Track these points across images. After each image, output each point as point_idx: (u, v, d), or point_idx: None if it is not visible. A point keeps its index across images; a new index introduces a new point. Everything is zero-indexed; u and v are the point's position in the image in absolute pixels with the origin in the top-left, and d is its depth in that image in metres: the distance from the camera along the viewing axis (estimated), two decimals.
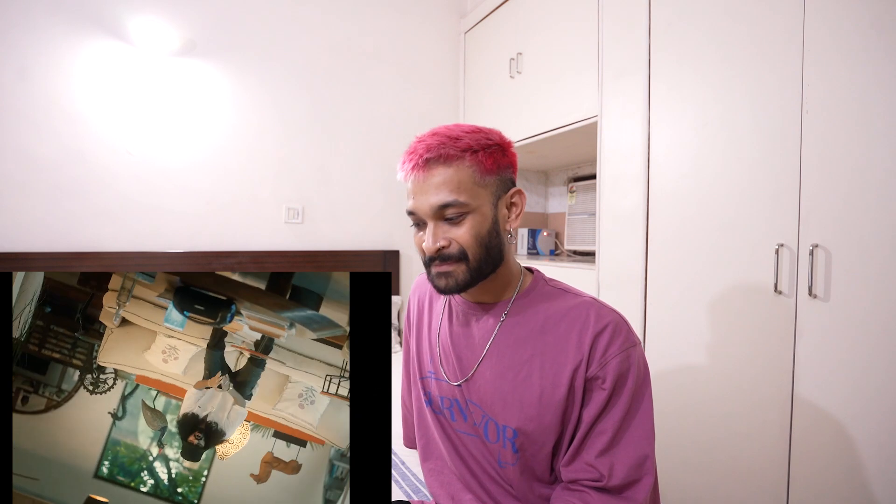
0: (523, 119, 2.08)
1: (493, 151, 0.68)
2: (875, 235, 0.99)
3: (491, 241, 0.69)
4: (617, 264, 1.57)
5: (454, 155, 0.66)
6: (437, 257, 0.68)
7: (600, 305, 0.71)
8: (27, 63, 1.76)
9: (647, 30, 1.46)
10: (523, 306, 0.74)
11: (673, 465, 1.38)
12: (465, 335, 0.77)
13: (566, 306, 0.71)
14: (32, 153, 1.78)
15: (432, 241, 0.67)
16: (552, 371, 0.68)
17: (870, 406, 1.00)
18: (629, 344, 0.68)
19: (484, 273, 0.69)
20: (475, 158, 0.67)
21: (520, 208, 0.73)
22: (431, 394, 0.81)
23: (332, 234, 2.33)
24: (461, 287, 0.69)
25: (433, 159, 0.66)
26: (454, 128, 0.69)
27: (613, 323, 0.68)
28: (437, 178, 0.66)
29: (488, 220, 0.68)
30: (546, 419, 0.68)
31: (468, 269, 0.68)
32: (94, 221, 1.88)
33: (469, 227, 0.67)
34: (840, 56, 1.04)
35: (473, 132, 0.68)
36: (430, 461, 0.86)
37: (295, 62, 2.23)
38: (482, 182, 0.67)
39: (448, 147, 0.66)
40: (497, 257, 0.70)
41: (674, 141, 1.39)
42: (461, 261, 0.67)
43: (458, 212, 0.66)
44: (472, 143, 0.67)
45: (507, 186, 0.72)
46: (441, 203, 0.66)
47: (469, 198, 0.66)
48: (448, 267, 0.68)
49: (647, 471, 0.66)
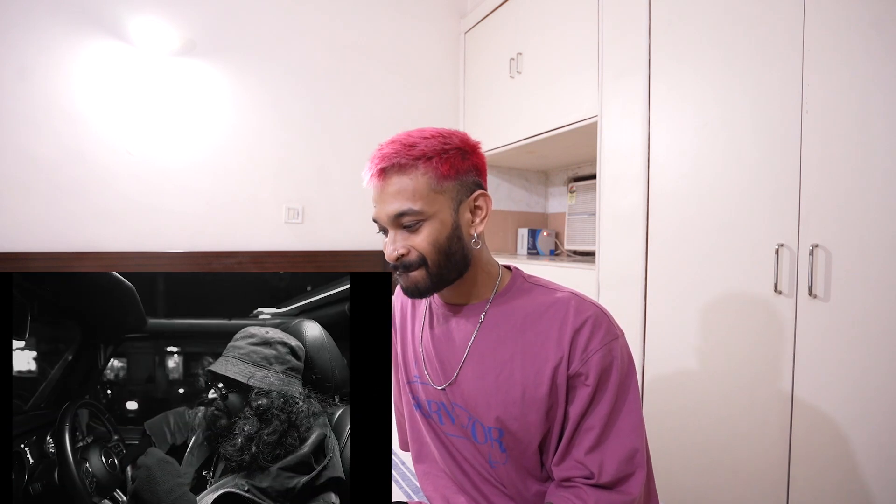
0: (523, 119, 2.07)
1: (451, 156, 0.68)
2: (875, 235, 0.99)
3: (451, 246, 0.68)
4: (617, 264, 1.57)
5: (407, 164, 0.66)
6: (399, 265, 0.69)
7: (580, 300, 0.70)
8: (27, 63, 1.76)
9: (647, 30, 1.46)
10: (502, 305, 0.74)
11: (673, 466, 1.38)
12: (446, 338, 0.77)
13: (545, 302, 0.71)
14: (32, 153, 1.78)
15: (391, 250, 0.68)
16: (533, 369, 0.68)
17: (870, 406, 1.00)
18: (610, 337, 0.67)
19: (447, 279, 0.70)
20: (429, 165, 0.66)
21: (485, 212, 0.72)
22: (419, 398, 0.81)
23: (332, 234, 2.33)
24: (423, 292, 0.69)
25: (388, 168, 0.67)
26: (415, 133, 0.69)
27: (593, 317, 0.68)
28: (392, 186, 0.66)
29: (447, 226, 0.68)
30: (530, 417, 0.68)
31: (429, 275, 0.68)
32: (94, 221, 1.88)
33: (427, 234, 0.67)
34: (840, 56, 1.04)
35: (432, 137, 0.68)
36: (424, 464, 0.86)
37: (295, 62, 2.23)
38: (439, 188, 0.67)
39: (401, 156, 0.66)
40: (461, 262, 0.70)
41: (674, 141, 1.39)
42: (421, 267, 0.68)
43: (415, 220, 0.67)
44: (426, 150, 0.66)
45: (470, 190, 0.71)
46: (396, 212, 0.66)
47: (425, 205, 0.66)
48: (408, 273, 0.69)
49: (639, 464, 0.66)
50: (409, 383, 0.84)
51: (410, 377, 0.83)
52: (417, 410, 0.83)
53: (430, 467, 0.84)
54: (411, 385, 0.83)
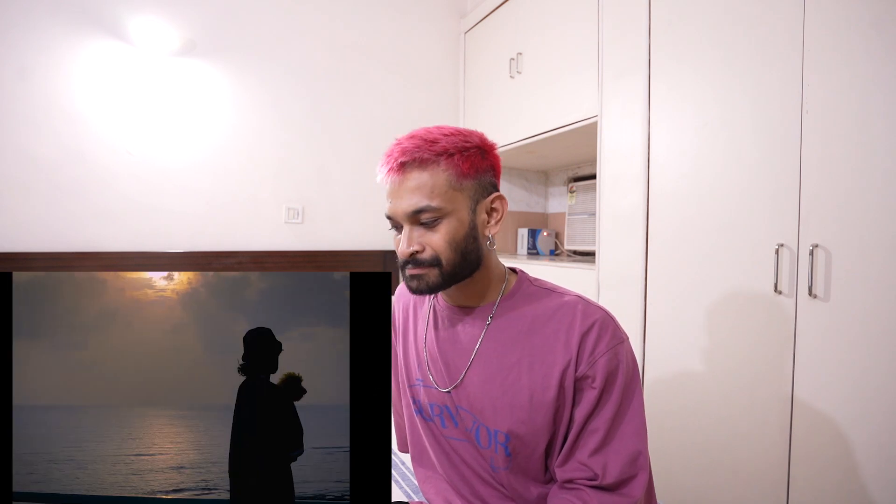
0: (523, 119, 2.08)
1: (471, 155, 0.68)
2: (875, 235, 0.99)
3: (467, 246, 0.68)
4: (617, 264, 1.57)
5: (429, 159, 0.65)
6: (411, 261, 0.68)
7: (586, 304, 0.70)
8: (27, 63, 1.76)
9: (647, 30, 1.46)
10: (508, 308, 0.73)
11: (673, 466, 1.38)
12: (452, 340, 0.76)
13: (552, 306, 0.71)
14: (32, 153, 1.78)
15: (406, 245, 0.67)
16: (541, 373, 0.68)
17: (870, 406, 1.00)
18: (616, 341, 0.68)
19: (458, 278, 0.69)
20: (451, 162, 0.66)
21: (500, 214, 0.72)
22: (420, 401, 0.81)
23: (332, 234, 2.33)
24: (431, 289, 0.69)
25: (408, 163, 0.66)
26: (434, 130, 0.68)
27: (600, 321, 0.68)
28: (411, 182, 0.66)
29: (465, 224, 0.68)
30: (537, 421, 0.68)
31: (440, 274, 0.68)
32: (94, 221, 1.88)
33: (444, 232, 0.66)
34: (840, 56, 1.04)
35: (452, 135, 0.67)
36: (424, 468, 0.86)
37: (295, 62, 2.23)
38: (459, 186, 0.67)
39: (423, 151, 0.65)
40: (474, 262, 0.70)
41: (674, 141, 1.39)
42: (434, 265, 0.67)
43: (433, 216, 0.66)
44: (448, 147, 0.66)
45: (488, 191, 0.71)
46: (415, 208, 0.65)
47: (444, 202, 0.66)
48: (420, 270, 0.68)
49: (642, 467, 0.66)
50: (410, 387, 0.83)
51: (412, 380, 0.83)
52: (418, 415, 0.82)
53: (430, 471, 0.84)
54: (412, 389, 0.83)
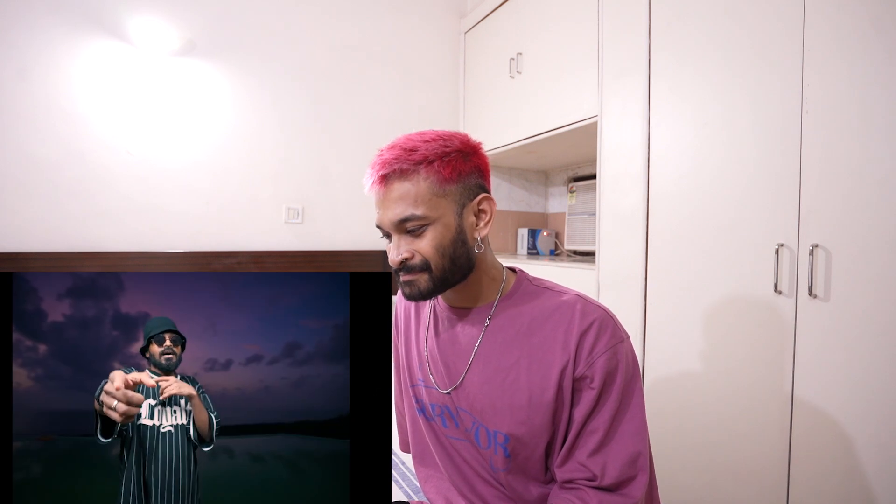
0: (523, 119, 2.08)
1: (452, 159, 0.67)
2: (875, 235, 0.99)
3: (456, 250, 0.68)
4: (617, 264, 1.57)
5: (408, 169, 0.66)
6: (402, 268, 0.69)
7: (585, 302, 0.70)
8: (27, 63, 1.76)
9: (647, 30, 1.46)
10: (507, 308, 0.73)
11: (673, 466, 1.38)
12: (451, 342, 0.77)
13: (551, 305, 0.71)
14: (32, 153, 1.78)
15: (395, 255, 0.68)
16: (540, 373, 0.68)
17: (870, 406, 1.00)
18: (616, 340, 0.67)
19: (450, 282, 0.70)
20: (431, 169, 0.66)
21: (489, 216, 0.72)
22: (423, 401, 0.81)
23: (332, 234, 2.33)
24: (424, 295, 0.69)
25: (389, 175, 0.66)
26: (415, 136, 0.68)
27: (599, 320, 0.67)
28: (394, 192, 0.66)
29: (451, 230, 0.68)
30: (536, 421, 0.68)
31: (431, 279, 0.68)
32: (94, 221, 1.88)
33: (430, 238, 0.67)
34: (840, 56, 1.04)
35: (432, 140, 0.67)
36: (425, 467, 0.86)
37: (295, 62, 2.23)
38: (442, 192, 0.67)
39: (402, 161, 0.66)
40: (465, 266, 0.70)
41: (674, 141, 1.39)
42: (424, 271, 0.68)
43: (418, 224, 0.66)
44: (427, 154, 0.66)
45: (474, 193, 0.71)
46: (400, 217, 0.66)
47: (428, 210, 0.66)
48: (412, 276, 0.69)
49: (642, 467, 0.66)
50: (412, 387, 0.84)
51: (414, 380, 0.83)
52: (420, 415, 0.82)
53: (432, 470, 0.84)
54: (414, 388, 0.83)
